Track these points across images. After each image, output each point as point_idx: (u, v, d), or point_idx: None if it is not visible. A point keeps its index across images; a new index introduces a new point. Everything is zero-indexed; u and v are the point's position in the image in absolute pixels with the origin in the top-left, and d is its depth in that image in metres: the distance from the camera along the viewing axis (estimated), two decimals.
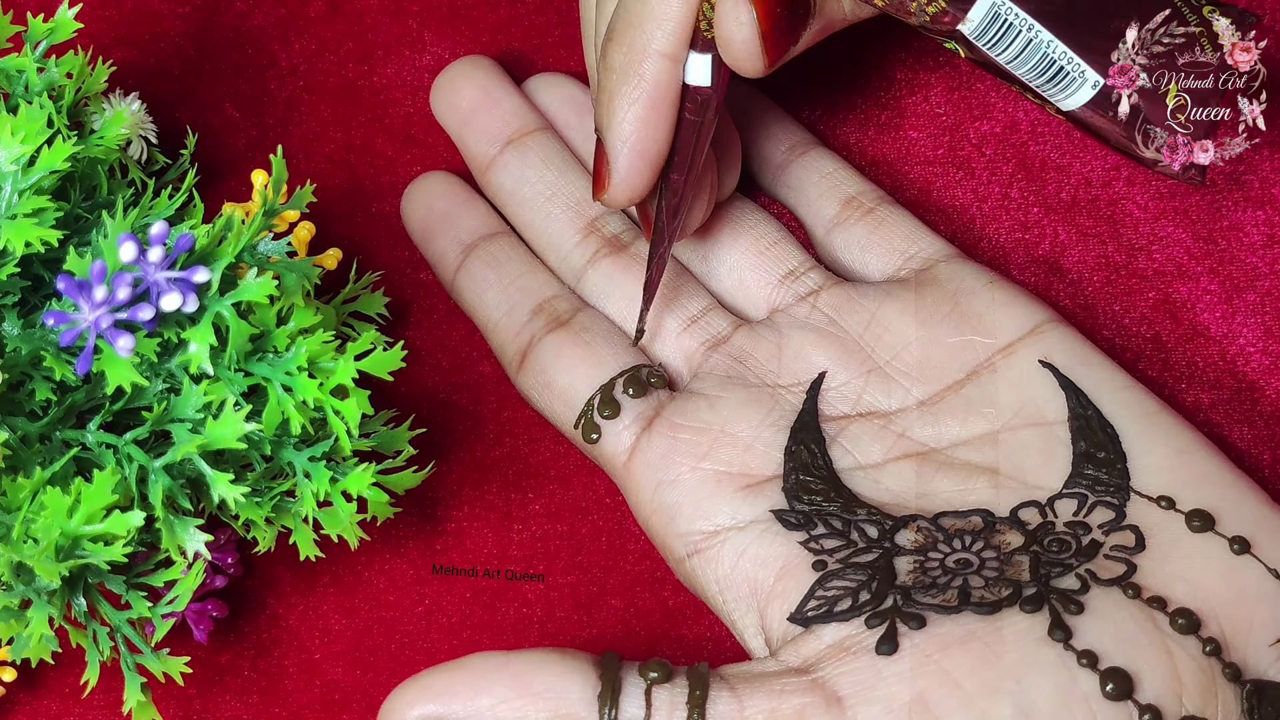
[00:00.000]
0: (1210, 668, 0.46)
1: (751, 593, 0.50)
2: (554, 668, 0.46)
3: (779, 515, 0.51)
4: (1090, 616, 0.46)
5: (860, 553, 0.50)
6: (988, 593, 0.47)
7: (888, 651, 0.46)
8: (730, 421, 0.53)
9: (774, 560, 0.50)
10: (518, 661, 0.46)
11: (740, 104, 0.60)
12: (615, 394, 0.54)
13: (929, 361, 0.54)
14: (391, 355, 0.48)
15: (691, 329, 0.56)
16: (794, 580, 0.50)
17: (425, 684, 0.46)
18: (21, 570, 0.45)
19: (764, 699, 0.46)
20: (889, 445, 0.53)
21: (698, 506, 0.52)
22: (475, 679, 0.46)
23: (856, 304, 0.55)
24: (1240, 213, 0.58)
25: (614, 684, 0.45)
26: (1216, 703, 0.45)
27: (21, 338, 0.46)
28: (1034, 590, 0.47)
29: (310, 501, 0.49)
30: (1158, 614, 0.47)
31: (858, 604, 0.48)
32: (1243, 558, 0.48)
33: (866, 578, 0.49)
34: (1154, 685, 0.45)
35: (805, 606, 0.49)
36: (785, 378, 0.54)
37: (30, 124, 0.47)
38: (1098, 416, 0.52)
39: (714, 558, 0.51)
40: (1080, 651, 0.45)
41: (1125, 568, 0.48)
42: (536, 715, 0.45)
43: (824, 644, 0.47)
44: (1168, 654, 0.46)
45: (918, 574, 0.49)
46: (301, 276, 0.49)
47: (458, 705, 0.45)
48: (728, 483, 0.52)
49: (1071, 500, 0.50)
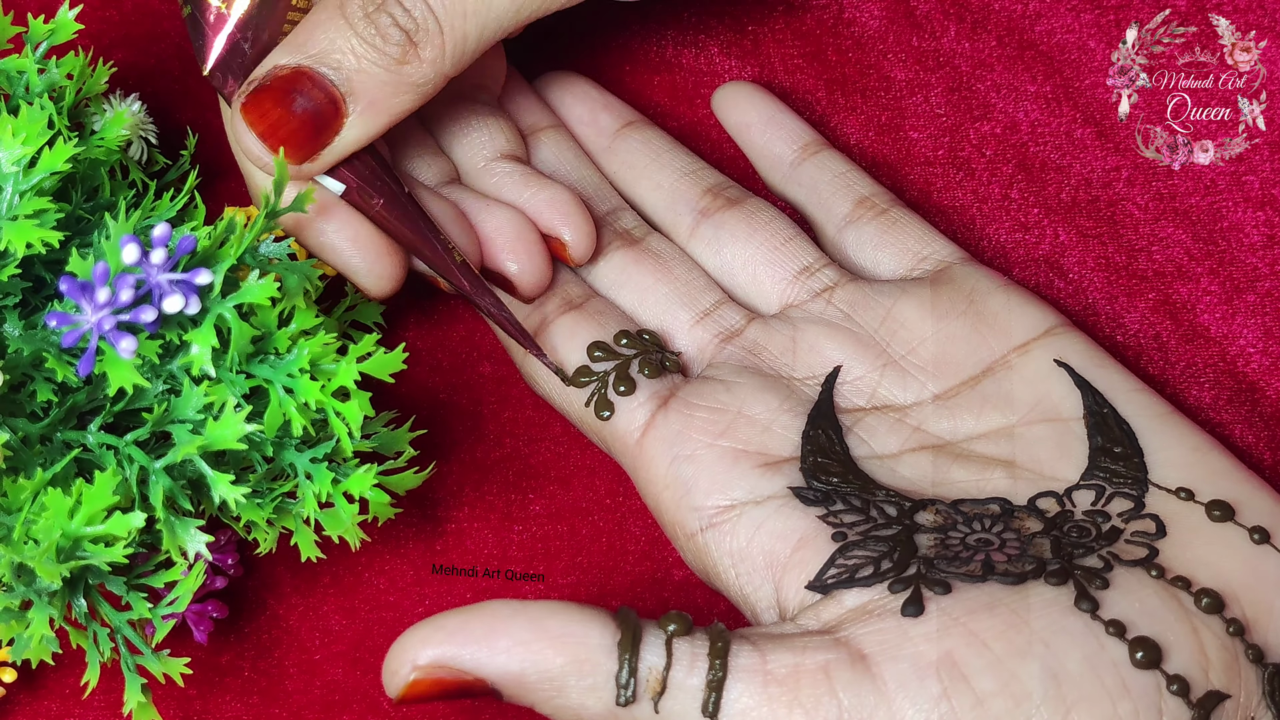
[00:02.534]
0: (1234, 648, 0.46)
1: (767, 565, 0.49)
2: (573, 614, 0.44)
3: (797, 492, 0.50)
4: (1115, 591, 0.46)
5: (880, 528, 0.49)
6: (1011, 566, 0.47)
7: (914, 614, 0.45)
8: (747, 404, 0.53)
9: (792, 533, 0.49)
10: (534, 609, 0.44)
11: (752, 105, 0.61)
12: (631, 372, 0.54)
13: (945, 357, 0.54)
14: (393, 357, 0.48)
15: (704, 322, 0.56)
16: (812, 551, 0.49)
17: (438, 624, 0.44)
18: (22, 571, 0.45)
19: (787, 654, 0.45)
20: (905, 437, 0.53)
21: (714, 481, 0.51)
22: (490, 621, 0.44)
23: (872, 300, 0.55)
24: (1240, 213, 0.58)
25: (635, 633, 0.44)
26: (1240, 681, 0.45)
27: (23, 339, 0.46)
28: (1058, 565, 0.47)
29: (312, 503, 0.49)
30: (1182, 593, 0.46)
31: (880, 571, 0.47)
32: (1262, 547, 0.48)
33: (888, 548, 0.48)
34: (1181, 658, 0.45)
35: (825, 574, 0.48)
36: (800, 371, 0.54)
37: (31, 125, 0.47)
38: (1114, 414, 0.52)
39: (729, 532, 0.50)
40: (1108, 621, 0.45)
41: (1147, 551, 0.48)
42: (555, 660, 0.44)
43: (845, 608, 0.47)
44: (1193, 630, 0.46)
45: (939, 549, 0.48)
46: (303, 278, 0.49)
47: (473, 646, 0.44)
48: (745, 460, 0.52)
49: (1089, 491, 0.50)
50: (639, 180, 0.60)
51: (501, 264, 0.55)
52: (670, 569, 0.56)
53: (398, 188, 0.53)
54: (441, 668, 0.44)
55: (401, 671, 0.44)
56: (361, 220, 0.53)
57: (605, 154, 0.61)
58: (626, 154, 0.61)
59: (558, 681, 0.44)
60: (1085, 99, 0.60)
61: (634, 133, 0.61)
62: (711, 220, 0.58)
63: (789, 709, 0.44)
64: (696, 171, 0.60)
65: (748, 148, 0.61)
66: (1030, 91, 0.60)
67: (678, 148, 0.61)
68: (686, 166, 0.60)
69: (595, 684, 0.44)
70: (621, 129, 0.61)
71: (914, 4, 0.62)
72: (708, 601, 0.55)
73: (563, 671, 0.44)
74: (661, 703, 0.44)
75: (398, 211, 0.52)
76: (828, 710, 0.44)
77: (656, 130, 0.61)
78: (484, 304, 0.53)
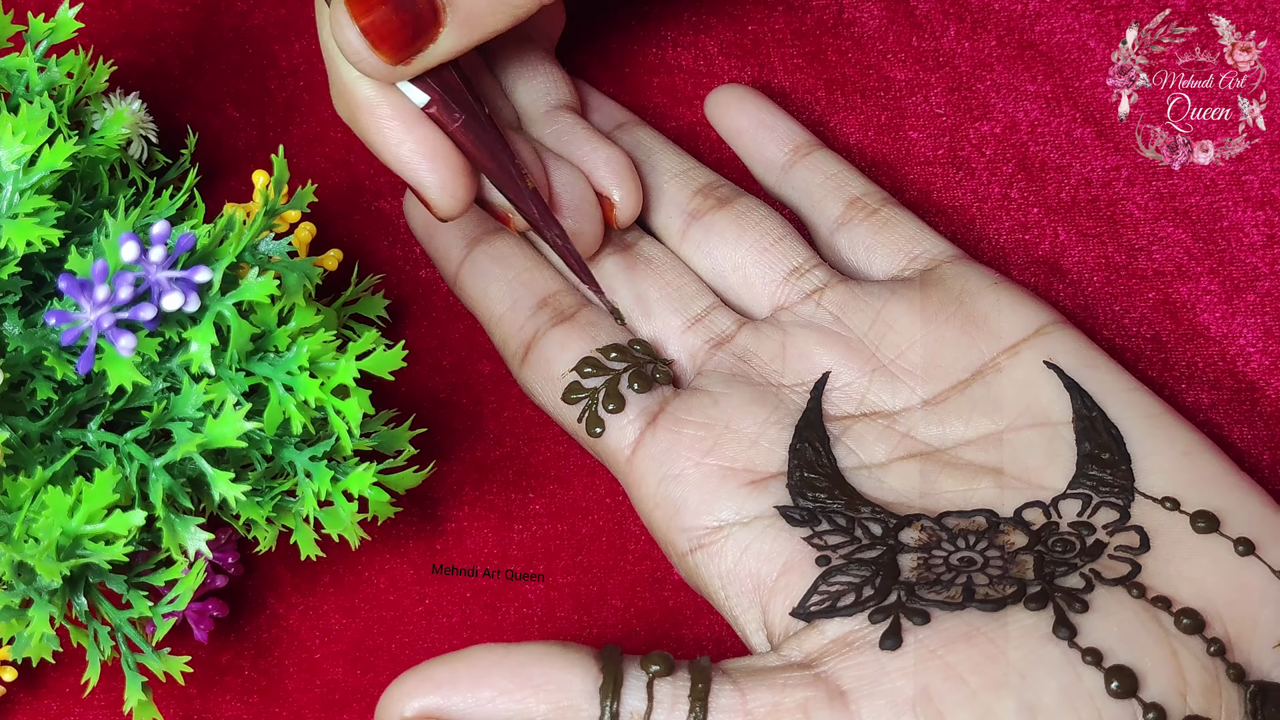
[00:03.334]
0: (1214, 668, 0.46)
1: (754, 588, 0.50)
2: (555, 660, 0.45)
3: (783, 511, 0.51)
4: (1095, 615, 0.46)
5: (864, 549, 0.49)
6: (992, 590, 0.47)
7: (891, 646, 0.46)
8: (735, 418, 0.53)
9: (777, 556, 0.50)
10: (519, 654, 0.45)
11: (743, 110, 0.61)
12: (620, 388, 0.54)
13: (934, 361, 0.54)
14: (392, 355, 0.48)
15: (695, 328, 0.56)
16: (798, 575, 0.49)
17: (426, 674, 0.45)
18: (22, 569, 0.45)
19: (767, 693, 0.46)
20: (893, 445, 0.53)
21: (702, 501, 0.52)
22: (476, 670, 0.45)
23: (861, 302, 0.55)
24: (1240, 213, 0.58)
25: (616, 676, 0.45)
26: (1220, 703, 0.45)
27: (23, 337, 0.46)
28: (1038, 588, 0.47)
29: (311, 501, 0.49)
30: (1162, 614, 0.46)
31: (861, 599, 0.48)
32: (1247, 559, 0.48)
33: (870, 574, 0.49)
34: (1159, 684, 0.45)
35: (808, 601, 0.48)
36: (789, 377, 0.54)
37: (31, 124, 0.47)
38: (1102, 418, 0.52)
39: (717, 553, 0.51)
40: (1085, 649, 0.45)
41: (1130, 567, 0.48)
42: (538, 707, 0.45)
43: (827, 639, 0.47)
44: (1172, 653, 0.46)
45: (922, 570, 0.48)
46: (302, 276, 0.49)
47: (458, 697, 0.45)
48: (732, 478, 0.52)
49: (1076, 501, 0.50)
50: None
51: (561, 221, 0.55)
52: (670, 569, 0.56)
53: (479, 107, 0.52)
54: (430, 718, 0.45)
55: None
56: (439, 136, 0.52)
57: None
58: None
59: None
60: (1085, 99, 0.60)
61: (625, 135, 0.61)
62: (701, 223, 0.58)
63: None
64: (687, 172, 0.59)
65: (741, 152, 0.61)
66: (1030, 91, 0.60)
67: (669, 148, 0.60)
68: (677, 168, 0.60)
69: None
70: (612, 131, 0.61)
71: (914, 4, 0.62)
72: (705, 604, 0.55)
73: (546, 718, 0.45)
74: None
75: (477, 130, 0.52)
76: None
77: (649, 131, 0.61)
78: (550, 234, 0.53)
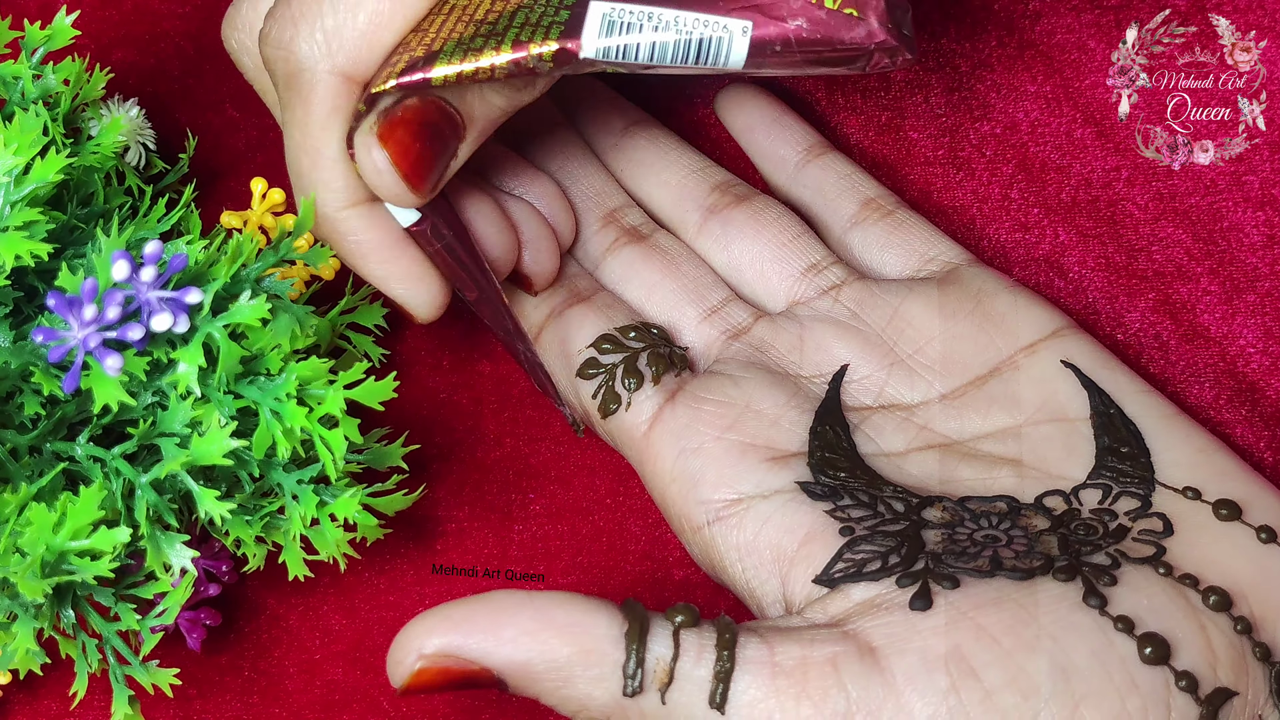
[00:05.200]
0: (1241, 645, 0.46)
1: (774, 559, 0.49)
2: (579, 604, 0.44)
3: (804, 486, 0.50)
4: (1123, 588, 0.46)
5: (887, 523, 0.49)
6: (1019, 562, 0.47)
7: (922, 607, 0.45)
8: (755, 399, 0.53)
9: (799, 528, 0.49)
10: (541, 599, 0.44)
11: (756, 108, 0.61)
12: (639, 365, 0.54)
13: (952, 356, 0.54)
14: (382, 386, 0.48)
15: (711, 319, 0.56)
16: (820, 545, 0.49)
17: (444, 613, 0.44)
18: (6, 585, 0.45)
19: (794, 646, 0.45)
20: (912, 436, 0.53)
21: (721, 474, 0.51)
22: (497, 611, 0.44)
23: (879, 299, 0.55)
24: (1240, 213, 0.58)
25: (642, 623, 0.44)
26: (1247, 679, 0.45)
27: (11, 351, 0.46)
28: (1066, 561, 0.47)
29: (298, 523, 0.49)
30: (1190, 591, 0.46)
31: (888, 566, 0.47)
32: (1269, 546, 0.48)
33: (896, 543, 0.48)
34: (1190, 654, 0.45)
35: (832, 568, 0.48)
36: (807, 369, 0.54)
37: (24, 134, 0.47)
38: (1120, 414, 0.52)
39: (736, 525, 0.50)
40: (1116, 617, 0.45)
41: (1155, 549, 0.48)
42: (561, 649, 0.43)
43: (853, 602, 0.47)
44: (1201, 628, 0.45)
45: (947, 544, 0.48)
46: (294, 320, 0.48)
47: (479, 636, 0.43)
48: (753, 453, 0.52)
49: (1096, 490, 0.50)
50: (646, 177, 0.60)
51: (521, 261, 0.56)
52: (670, 569, 0.56)
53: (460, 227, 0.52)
54: (447, 657, 0.43)
55: (407, 661, 0.44)
56: (419, 257, 0.52)
57: (612, 151, 0.61)
58: (634, 151, 0.61)
59: (564, 671, 0.44)
60: (1085, 99, 0.59)
61: (641, 131, 0.61)
62: (719, 217, 0.58)
63: (797, 701, 0.44)
64: (704, 169, 0.60)
65: (752, 150, 0.61)
66: (1030, 91, 0.60)
67: (685, 146, 0.61)
68: (694, 164, 0.60)
69: (602, 674, 0.44)
70: (629, 128, 0.61)
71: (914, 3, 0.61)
72: (709, 600, 0.55)
73: (569, 661, 0.43)
74: (668, 694, 0.44)
75: (456, 253, 0.52)
76: (835, 702, 0.44)
77: (664, 129, 0.61)
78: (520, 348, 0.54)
